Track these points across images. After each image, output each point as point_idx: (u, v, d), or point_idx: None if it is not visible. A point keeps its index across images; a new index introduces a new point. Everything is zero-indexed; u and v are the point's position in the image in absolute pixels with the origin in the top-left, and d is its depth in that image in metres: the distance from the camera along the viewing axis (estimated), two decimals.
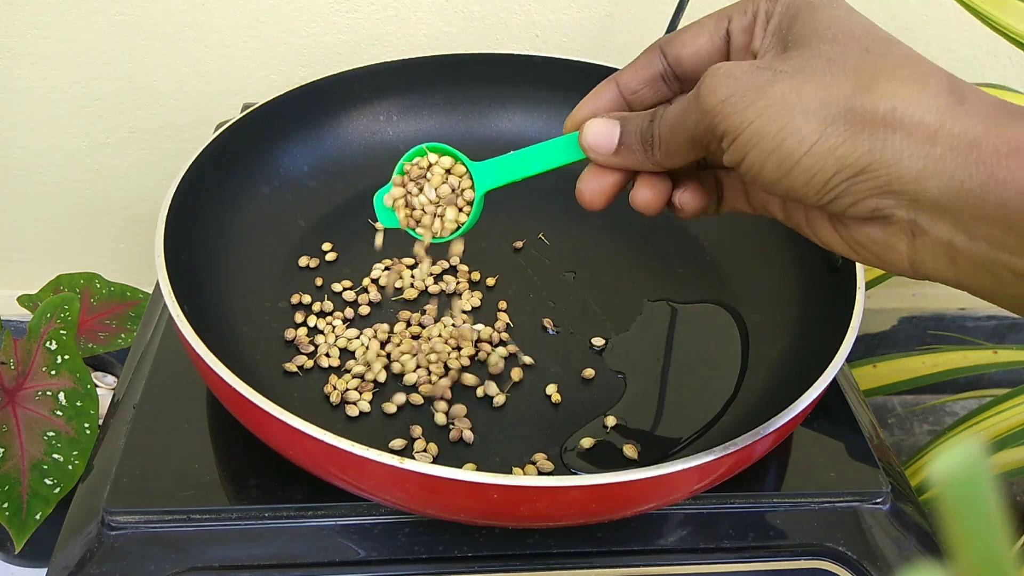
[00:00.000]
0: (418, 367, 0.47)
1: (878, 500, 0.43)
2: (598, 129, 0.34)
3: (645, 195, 0.35)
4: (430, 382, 0.46)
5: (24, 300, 0.72)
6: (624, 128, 0.33)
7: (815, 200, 0.28)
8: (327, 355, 0.47)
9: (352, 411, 0.44)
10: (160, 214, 0.45)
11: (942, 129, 0.25)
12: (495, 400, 0.46)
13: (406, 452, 0.43)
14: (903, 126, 0.25)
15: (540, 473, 0.42)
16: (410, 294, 0.52)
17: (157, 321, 0.51)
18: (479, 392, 0.46)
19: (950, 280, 0.28)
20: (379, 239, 0.47)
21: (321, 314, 0.50)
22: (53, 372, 0.61)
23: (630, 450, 0.43)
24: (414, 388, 0.46)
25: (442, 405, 0.45)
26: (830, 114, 0.26)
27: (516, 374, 0.47)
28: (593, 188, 0.35)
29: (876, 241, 0.28)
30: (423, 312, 0.51)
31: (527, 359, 0.48)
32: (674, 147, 0.32)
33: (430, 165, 0.39)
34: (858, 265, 0.45)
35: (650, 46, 0.34)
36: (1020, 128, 0.25)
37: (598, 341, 0.50)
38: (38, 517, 0.57)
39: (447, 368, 0.47)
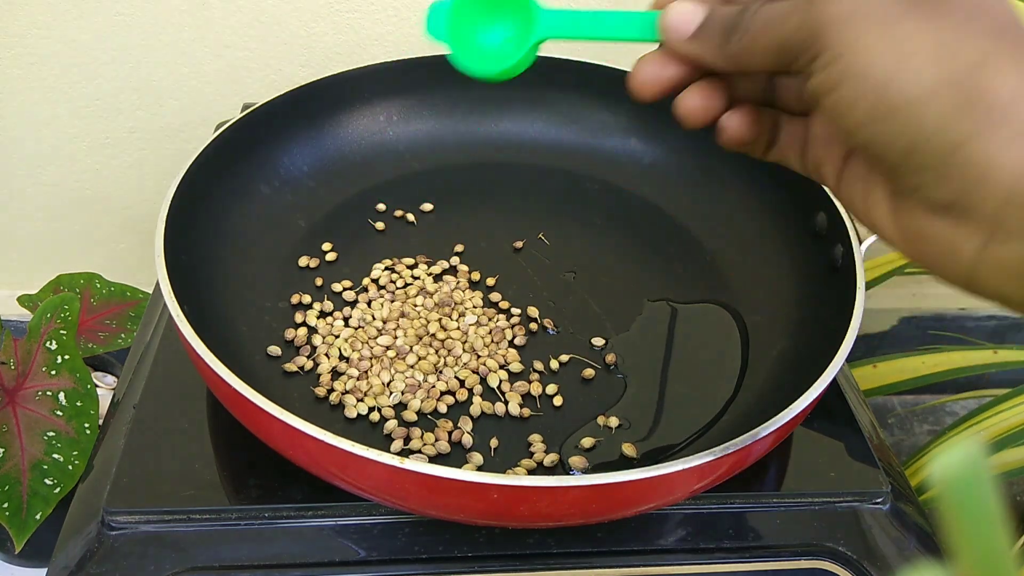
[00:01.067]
0: (418, 365, 0.47)
1: (878, 500, 0.43)
2: (683, 8, 0.30)
3: (694, 101, 0.31)
4: (432, 385, 0.46)
5: (24, 300, 0.72)
6: (709, 16, 0.29)
7: (897, 161, 0.25)
8: (327, 355, 0.47)
9: (351, 411, 0.44)
10: (160, 214, 0.45)
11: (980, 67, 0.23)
12: (495, 402, 0.46)
13: (406, 452, 0.43)
14: (1016, 119, 0.23)
15: (540, 473, 0.42)
16: (411, 292, 0.52)
17: (157, 321, 0.51)
18: (479, 392, 0.46)
19: (1011, 300, 0.25)
20: None
21: (321, 314, 0.50)
22: (53, 372, 0.61)
23: (630, 449, 0.43)
24: (414, 389, 0.46)
25: (442, 406, 0.45)
26: (950, 75, 0.23)
27: (516, 368, 0.47)
28: (650, 74, 0.31)
29: (939, 238, 0.25)
30: (425, 313, 0.51)
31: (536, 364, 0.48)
32: (759, 45, 0.27)
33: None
34: (858, 265, 0.45)
35: None
36: None
37: (598, 341, 0.50)
38: (38, 517, 0.57)
39: (448, 369, 0.47)
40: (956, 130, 0.23)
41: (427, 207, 0.58)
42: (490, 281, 0.53)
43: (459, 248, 0.56)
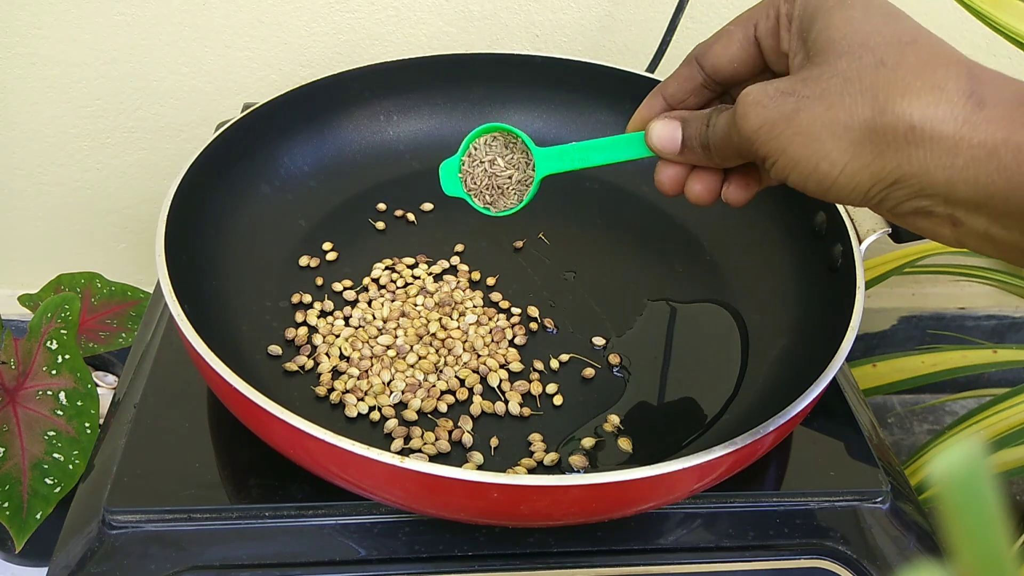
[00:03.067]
0: (418, 364, 0.47)
1: (878, 499, 0.43)
2: (661, 132, 0.35)
3: (698, 190, 0.36)
4: (433, 384, 0.46)
5: (25, 300, 0.72)
6: (685, 133, 0.35)
7: (860, 204, 0.30)
8: (327, 354, 0.47)
9: (352, 411, 0.44)
10: (160, 214, 0.45)
11: (962, 141, 0.26)
12: (496, 401, 0.46)
13: (406, 451, 0.43)
14: (924, 142, 0.26)
15: (540, 472, 0.42)
16: (411, 291, 0.52)
17: (158, 321, 0.51)
18: (479, 391, 0.46)
19: (996, 257, 0.29)
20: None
21: (322, 314, 0.50)
22: (54, 372, 0.61)
23: (625, 443, 0.43)
24: (414, 389, 0.46)
25: (443, 405, 0.45)
26: (855, 137, 0.27)
27: (516, 368, 0.47)
28: (670, 177, 0.37)
29: (923, 228, 0.30)
30: (425, 313, 0.51)
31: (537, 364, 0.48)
32: (727, 155, 0.33)
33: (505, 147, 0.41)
34: (858, 264, 0.45)
35: (687, 58, 0.36)
36: None
37: (598, 341, 0.50)
38: (39, 516, 0.57)
39: (448, 369, 0.47)
40: (884, 175, 0.28)
41: (427, 207, 0.59)
42: (490, 281, 0.53)
43: (459, 248, 0.56)
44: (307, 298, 0.51)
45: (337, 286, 0.52)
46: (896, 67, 0.27)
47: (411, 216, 0.58)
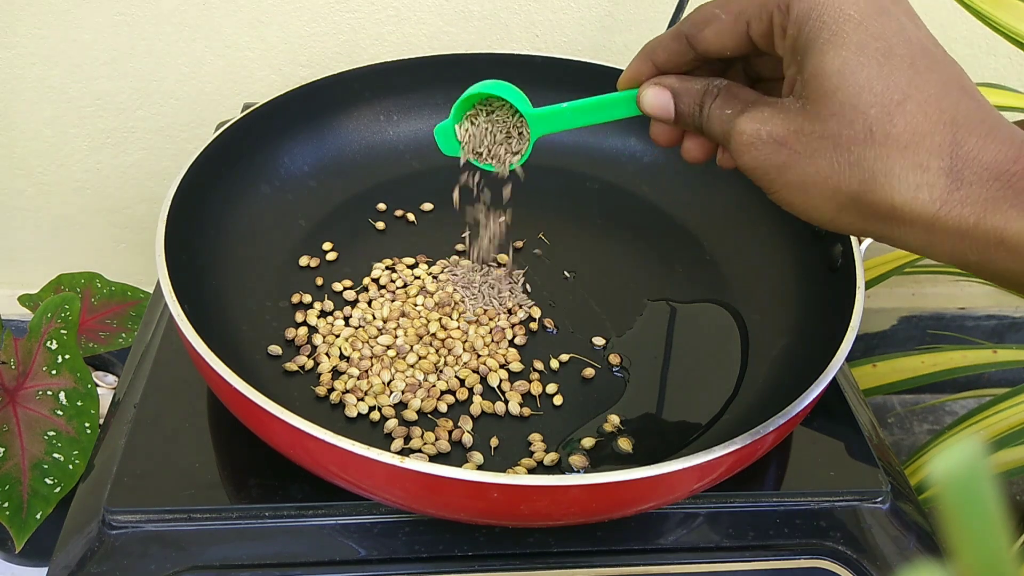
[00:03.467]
0: (418, 364, 0.47)
1: (878, 499, 0.43)
2: (654, 101, 0.35)
3: (692, 151, 0.37)
4: (433, 384, 0.46)
5: (25, 300, 0.72)
6: (678, 108, 0.35)
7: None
8: (327, 354, 0.47)
9: (352, 411, 0.44)
10: (160, 214, 0.45)
11: (938, 222, 0.27)
12: (496, 401, 0.46)
13: (406, 451, 0.43)
14: (903, 222, 0.28)
15: (540, 472, 0.42)
16: (411, 291, 0.52)
17: (158, 321, 0.51)
18: (479, 391, 0.46)
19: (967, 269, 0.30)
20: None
21: (322, 314, 0.50)
22: (54, 372, 0.61)
23: (625, 443, 0.43)
24: (414, 389, 0.46)
25: (443, 405, 0.45)
26: (841, 202, 0.29)
27: (516, 367, 0.47)
28: (663, 133, 0.37)
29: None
30: (425, 313, 0.51)
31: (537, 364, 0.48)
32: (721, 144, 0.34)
33: (498, 106, 0.42)
34: (858, 264, 0.45)
35: (674, 32, 0.35)
36: (1006, 216, 0.26)
37: (598, 341, 0.50)
38: (39, 516, 0.57)
39: (448, 369, 0.47)
40: (868, 231, 0.30)
41: (427, 207, 0.59)
42: None
43: (459, 248, 0.56)
44: (307, 298, 0.51)
45: (337, 286, 0.52)
46: (884, 140, 0.27)
47: (411, 216, 0.58)
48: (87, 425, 0.60)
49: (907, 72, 0.28)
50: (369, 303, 0.51)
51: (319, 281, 0.52)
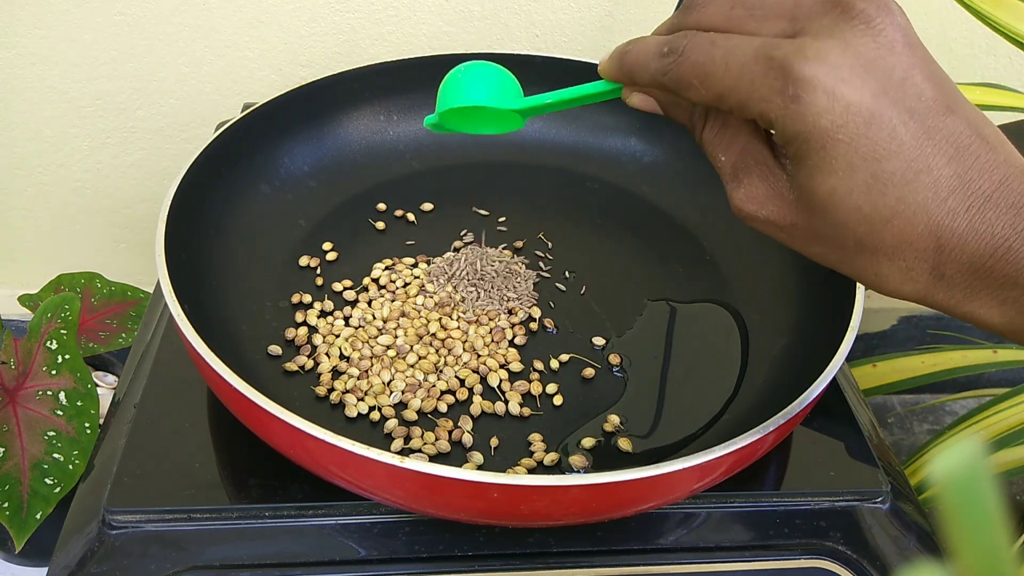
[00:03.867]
0: (418, 364, 0.47)
1: (878, 499, 0.43)
2: (643, 105, 0.35)
3: (679, 110, 0.35)
4: (433, 384, 0.46)
5: (25, 300, 0.72)
6: (669, 113, 0.35)
7: None
8: (327, 354, 0.47)
9: (352, 411, 0.44)
10: (161, 214, 0.45)
11: (924, 301, 0.30)
12: (496, 401, 0.46)
13: (406, 451, 0.43)
14: (896, 297, 0.30)
15: (540, 472, 0.42)
16: (411, 291, 0.52)
17: (158, 321, 0.51)
18: (479, 391, 0.46)
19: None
20: None
21: (322, 314, 0.50)
22: (54, 372, 0.61)
23: (628, 447, 0.43)
24: (414, 389, 0.46)
25: (443, 405, 0.45)
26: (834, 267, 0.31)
27: (516, 367, 0.47)
28: (639, 102, 0.36)
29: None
30: (425, 313, 0.51)
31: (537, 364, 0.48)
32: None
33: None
34: None
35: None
36: (981, 303, 0.28)
37: (598, 341, 0.50)
38: (38, 516, 0.57)
39: (448, 369, 0.47)
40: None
41: (427, 207, 0.59)
42: None
43: (457, 244, 0.56)
44: (307, 298, 0.51)
45: (337, 286, 0.52)
46: (873, 251, 0.29)
47: (411, 216, 0.58)
48: (87, 425, 0.60)
49: (896, 189, 0.27)
50: (369, 303, 0.51)
51: (319, 281, 0.52)
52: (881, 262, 0.29)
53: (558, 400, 0.46)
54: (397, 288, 0.52)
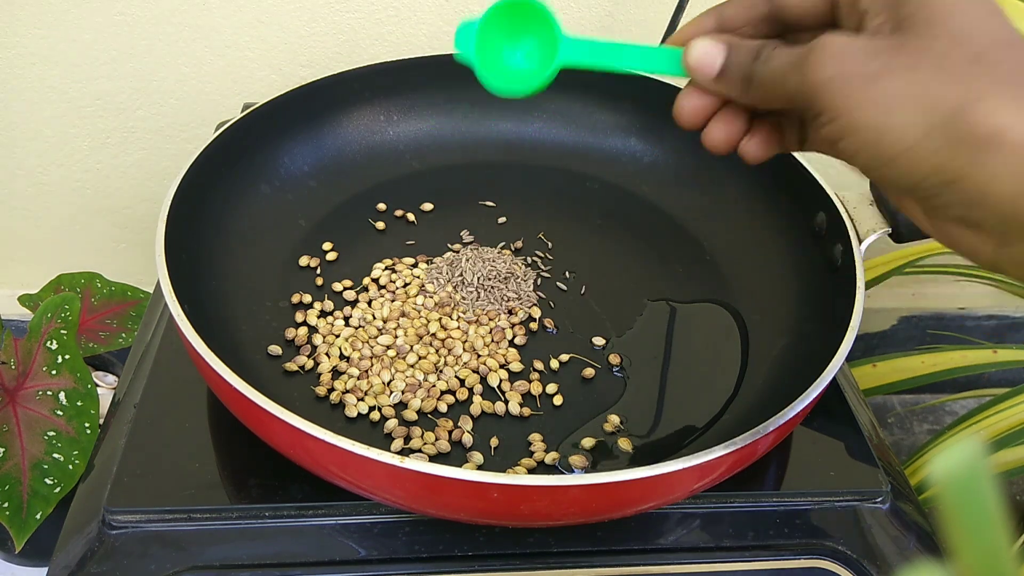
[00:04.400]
0: (418, 364, 0.47)
1: (878, 499, 0.43)
2: (703, 50, 0.32)
3: (716, 134, 0.34)
4: (432, 384, 0.46)
5: (25, 300, 0.72)
6: (728, 58, 0.32)
7: (902, 193, 0.29)
8: (327, 354, 0.47)
9: (352, 411, 0.44)
10: (160, 214, 0.45)
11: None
12: (496, 401, 0.46)
13: (406, 451, 0.43)
14: (1003, 148, 0.25)
15: (540, 472, 0.42)
16: (411, 291, 0.52)
17: (158, 321, 0.51)
18: (479, 391, 0.46)
19: None
20: None
21: (322, 314, 0.50)
22: (54, 372, 0.61)
23: (625, 443, 0.43)
24: (415, 389, 0.46)
25: (443, 405, 0.45)
26: (934, 121, 0.26)
27: (516, 367, 0.47)
28: (693, 106, 0.34)
29: (963, 239, 0.28)
30: (425, 313, 0.51)
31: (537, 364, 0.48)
32: (771, 97, 0.31)
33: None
34: (858, 264, 0.45)
35: None
36: None
37: (598, 341, 0.50)
38: (38, 516, 0.57)
39: (448, 369, 0.47)
40: (948, 169, 0.26)
41: (427, 207, 0.59)
42: None
43: (459, 248, 0.56)
44: (307, 298, 0.51)
45: (337, 286, 0.52)
46: (995, 65, 0.26)
47: (411, 216, 0.58)
48: (87, 425, 0.60)
49: (1011, 25, 0.27)
50: (369, 303, 0.51)
51: (319, 281, 0.52)
52: (1002, 82, 0.25)
53: (558, 400, 0.46)
54: (397, 288, 0.52)
